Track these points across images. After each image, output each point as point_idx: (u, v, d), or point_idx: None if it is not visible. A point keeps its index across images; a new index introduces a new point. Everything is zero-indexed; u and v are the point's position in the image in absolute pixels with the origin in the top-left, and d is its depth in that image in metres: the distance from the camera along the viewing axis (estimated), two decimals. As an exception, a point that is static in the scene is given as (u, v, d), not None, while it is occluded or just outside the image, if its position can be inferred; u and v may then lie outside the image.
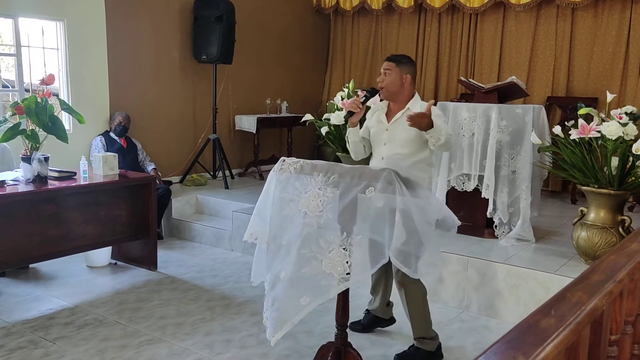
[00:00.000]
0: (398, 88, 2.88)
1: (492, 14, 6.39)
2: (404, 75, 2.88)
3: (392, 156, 2.87)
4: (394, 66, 2.87)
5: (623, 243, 1.81)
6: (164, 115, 5.95)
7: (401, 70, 2.88)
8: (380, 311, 3.28)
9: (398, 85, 2.88)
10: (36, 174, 3.65)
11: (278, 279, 2.29)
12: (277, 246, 2.35)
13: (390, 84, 2.88)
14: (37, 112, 3.57)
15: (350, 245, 2.19)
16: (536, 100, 5.92)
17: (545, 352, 1.01)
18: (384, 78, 2.88)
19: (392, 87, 2.88)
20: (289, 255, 2.28)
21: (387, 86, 2.88)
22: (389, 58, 2.94)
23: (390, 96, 2.91)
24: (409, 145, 2.86)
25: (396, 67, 2.87)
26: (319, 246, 2.21)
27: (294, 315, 2.24)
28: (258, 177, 6.49)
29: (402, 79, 2.88)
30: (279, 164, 2.40)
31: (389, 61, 2.91)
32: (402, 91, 2.89)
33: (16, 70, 4.90)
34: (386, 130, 2.92)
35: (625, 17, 5.63)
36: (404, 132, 2.83)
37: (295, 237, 2.26)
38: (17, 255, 3.54)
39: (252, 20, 6.65)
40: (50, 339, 3.13)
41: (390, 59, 2.92)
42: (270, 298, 2.31)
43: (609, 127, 3.30)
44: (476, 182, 4.08)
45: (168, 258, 4.62)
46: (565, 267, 3.55)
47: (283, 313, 2.25)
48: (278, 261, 2.32)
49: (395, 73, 2.87)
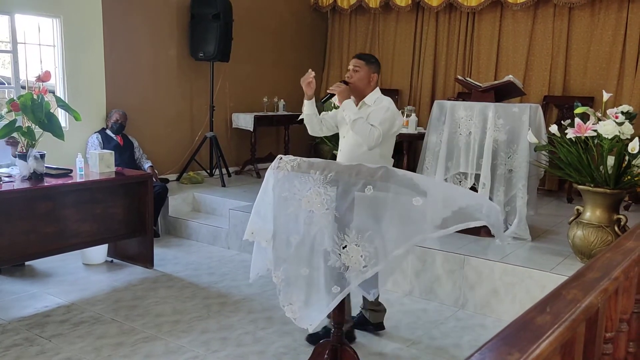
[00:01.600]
0: (365, 85, 3.01)
1: (490, 13, 6.39)
2: (371, 74, 3.02)
3: (347, 147, 3.03)
4: (364, 64, 3.00)
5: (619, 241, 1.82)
6: (160, 112, 5.94)
7: (370, 69, 3.01)
8: (367, 313, 3.25)
9: (365, 83, 3.01)
10: (32, 171, 3.63)
11: (301, 276, 2.34)
12: (284, 244, 2.37)
13: (358, 81, 3.00)
14: (33, 109, 3.56)
15: (363, 241, 2.22)
16: (533, 99, 5.92)
17: (541, 349, 1.01)
18: (353, 75, 3.00)
19: (360, 83, 3.01)
20: (306, 253, 2.32)
21: (355, 82, 3.01)
22: (358, 56, 3.07)
23: (356, 91, 3.03)
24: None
25: (365, 66, 3.00)
26: (333, 242, 2.26)
27: (326, 305, 2.29)
28: (255, 175, 6.48)
29: (370, 77, 3.02)
30: (276, 162, 2.40)
31: (358, 59, 3.03)
32: (368, 88, 3.02)
33: (12, 67, 4.88)
34: (346, 123, 3.04)
35: (622, 16, 5.64)
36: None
37: (305, 235, 2.31)
38: (13, 253, 3.53)
39: (250, 18, 6.64)
40: (46, 337, 3.12)
41: (360, 57, 3.04)
42: (294, 294, 2.36)
43: (605, 126, 3.31)
44: (473, 180, 4.09)
45: (164, 256, 4.61)
46: (561, 265, 3.56)
47: (315, 305, 2.31)
48: (293, 259, 2.36)
49: (364, 71, 3.00)
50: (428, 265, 3.82)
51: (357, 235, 2.22)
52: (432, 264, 3.80)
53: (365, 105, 3.02)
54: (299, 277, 2.35)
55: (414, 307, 3.69)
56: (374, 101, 3.02)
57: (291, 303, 2.36)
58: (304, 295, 2.34)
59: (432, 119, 4.32)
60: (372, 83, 3.04)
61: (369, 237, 2.22)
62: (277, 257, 2.39)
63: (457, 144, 4.13)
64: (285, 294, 2.37)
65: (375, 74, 3.04)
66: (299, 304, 2.34)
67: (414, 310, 3.65)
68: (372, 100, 3.02)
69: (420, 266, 3.85)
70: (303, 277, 2.34)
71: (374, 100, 3.02)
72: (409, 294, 3.89)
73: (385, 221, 2.20)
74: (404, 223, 2.18)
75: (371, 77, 3.02)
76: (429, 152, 4.32)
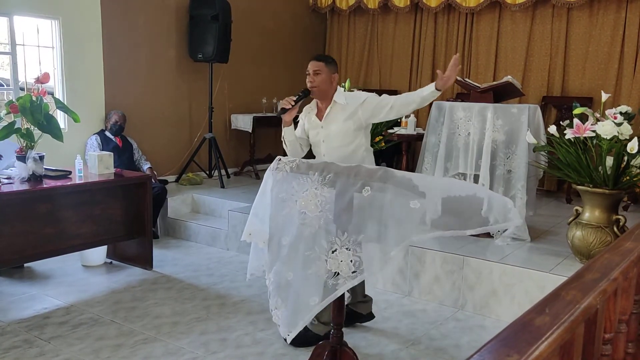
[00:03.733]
0: (328, 86, 3.02)
1: (488, 14, 6.40)
2: (332, 75, 3.02)
3: (331, 150, 3.02)
4: (324, 66, 3.00)
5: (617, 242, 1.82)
6: (159, 114, 5.94)
7: (329, 69, 3.01)
8: (357, 305, 3.30)
9: (328, 84, 3.01)
10: (31, 172, 3.63)
11: (286, 280, 2.33)
12: (277, 246, 2.36)
13: (322, 83, 3.00)
14: (32, 110, 3.55)
15: (355, 245, 2.20)
16: (531, 99, 5.93)
17: (540, 350, 1.01)
18: (315, 78, 3.00)
19: (323, 85, 3.01)
20: (293, 256, 2.31)
21: (319, 85, 3.00)
22: (317, 58, 3.06)
23: (321, 94, 3.03)
24: (343, 136, 3.01)
25: (325, 67, 3.00)
26: (321, 247, 2.24)
27: (305, 315, 2.29)
28: (254, 177, 6.48)
29: (331, 78, 3.02)
30: (275, 163, 2.40)
31: (317, 61, 3.03)
32: (331, 89, 3.03)
33: (11, 69, 4.87)
34: (321, 127, 3.05)
35: (620, 17, 5.65)
36: (336, 124, 2.98)
37: (296, 237, 2.30)
38: (12, 254, 3.53)
39: (248, 19, 6.64)
40: (45, 338, 3.12)
41: (319, 59, 3.04)
42: (280, 298, 2.35)
43: (603, 127, 3.31)
44: (472, 181, 4.09)
45: (163, 257, 4.61)
46: (560, 266, 3.56)
47: (295, 314, 2.30)
48: (282, 262, 2.35)
49: (325, 73, 3.00)
50: (427, 266, 3.82)
51: (349, 238, 2.20)
52: (431, 265, 3.81)
53: (337, 104, 3.00)
54: (285, 282, 2.34)
55: (413, 308, 3.69)
56: (345, 99, 3.00)
57: (277, 308, 2.36)
58: (287, 302, 2.33)
59: (431, 120, 4.32)
60: (334, 83, 3.04)
61: (362, 241, 2.20)
62: (271, 259, 2.39)
63: (456, 145, 4.13)
64: (274, 297, 2.37)
65: (336, 74, 3.05)
66: (283, 309, 2.34)
67: (414, 311, 3.65)
68: (342, 99, 3.00)
69: (419, 267, 3.85)
70: (288, 283, 2.33)
71: (344, 98, 3.01)
72: (409, 294, 3.89)
73: (382, 223, 2.19)
74: (400, 224, 2.16)
75: (332, 77, 3.02)
76: (427, 153, 4.32)
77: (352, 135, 3.01)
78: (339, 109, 3.01)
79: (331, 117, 3.02)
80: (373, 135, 4.07)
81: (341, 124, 2.98)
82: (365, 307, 3.31)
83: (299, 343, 2.95)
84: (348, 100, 3.01)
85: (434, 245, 3.92)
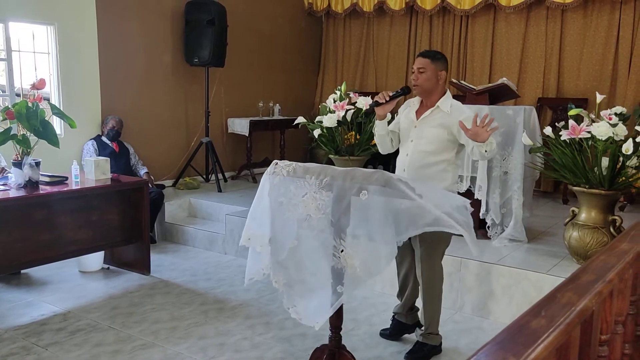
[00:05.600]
0: (433, 85, 2.84)
1: (483, 16, 6.42)
2: (439, 72, 2.84)
3: (416, 153, 2.85)
4: (429, 63, 2.82)
5: (613, 243, 1.83)
6: (156, 118, 5.93)
7: (436, 67, 2.83)
8: (403, 316, 3.22)
9: (433, 83, 2.83)
10: (27, 179, 3.62)
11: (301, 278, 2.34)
12: (281, 249, 2.37)
13: (425, 82, 2.83)
14: (28, 116, 3.55)
15: (357, 245, 2.23)
16: (527, 101, 5.95)
17: (536, 353, 1.02)
18: (419, 76, 2.83)
19: (427, 84, 2.83)
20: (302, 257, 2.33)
21: (422, 84, 2.84)
22: (422, 54, 2.88)
23: (424, 93, 2.87)
24: (434, 144, 2.84)
25: (431, 64, 2.82)
26: (329, 246, 2.26)
27: (333, 302, 2.29)
28: (251, 180, 6.48)
29: (437, 76, 2.84)
30: (272, 167, 2.41)
31: (423, 58, 2.84)
32: (436, 88, 2.85)
33: (7, 75, 4.87)
34: (414, 127, 2.90)
35: (615, 18, 5.68)
36: (431, 129, 2.82)
37: (305, 239, 2.31)
38: (9, 261, 3.52)
39: (244, 23, 6.65)
40: (43, 345, 3.11)
41: (425, 56, 2.86)
42: (296, 297, 2.37)
43: (599, 128, 3.32)
44: (468, 183, 4.10)
45: (161, 262, 4.60)
46: (557, 267, 3.57)
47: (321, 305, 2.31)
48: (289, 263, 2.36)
49: (431, 70, 2.82)
50: (425, 268, 3.82)
51: (352, 240, 2.23)
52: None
53: (439, 110, 2.83)
54: (300, 280, 2.36)
55: (411, 311, 3.69)
56: (450, 107, 2.82)
57: (295, 305, 2.37)
58: (307, 297, 2.35)
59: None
60: (440, 81, 2.84)
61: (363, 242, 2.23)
62: (275, 261, 2.40)
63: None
64: (289, 296, 2.39)
65: (443, 72, 2.83)
66: (303, 304, 2.36)
67: (412, 313, 3.65)
68: (447, 106, 2.82)
69: (417, 269, 3.85)
70: (305, 279, 2.35)
71: (450, 106, 2.83)
72: (406, 297, 3.89)
73: (381, 224, 2.21)
74: (399, 224, 2.20)
75: (439, 75, 2.82)
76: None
77: (443, 146, 2.83)
78: (440, 115, 2.83)
79: (428, 120, 2.85)
80: (369, 138, 4.06)
81: (437, 129, 2.80)
82: (413, 317, 3.22)
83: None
84: (452, 110, 2.82)
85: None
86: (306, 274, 2.35)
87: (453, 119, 2.79)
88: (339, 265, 2.26)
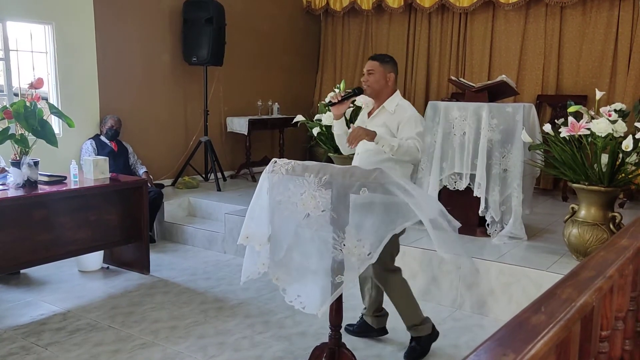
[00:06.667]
0: (382, 86, 2.96)
1: (482, 14, 6.41)
2: (387, 74, 2.96)
3: (364, 152, 2.97)
4: (378, 65, 2.96)
5: (613, 239, 1.82)
6: (154, 118, 5.93)
7: (384, 69, 2.96)
8: (369, 317, 3.24)
9: (382, 84, 2.96)
10: (26, 178, 3.62)
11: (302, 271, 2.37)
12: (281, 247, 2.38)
13: (374, 83, 2.95)
14: (26, 116, 3.54)
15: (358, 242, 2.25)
16: (526, 98, 5.94)
17: (536, 349, 1.01)
18: (368, 78, 2.96)
19: (376, 85, 2.96)
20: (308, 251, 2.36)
21: (371, 85, 2.96)
22: (372, 57, 3.03)
23: (374, 94, 2.99)
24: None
25: (380, 67, 2.96)
26: (334, 239, 2.28)
27: (332, 291, 2.33)
28: (250, 179, 6.48)
29: (386, 78, 2.96)
30: (271, 166, 2.40)
31: (372, 60, 2.99)
32: (385, 89, 2.97)
33: (4, 75, 4.86)
34: (365, 126, 2.99)
35: (614, 14, 5.67)
36: (377, 129, 2.91)
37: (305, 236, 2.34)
38: (8, 261, 3.51)
39: (243, 21, 6.64)
40: (42, 345, 3.10)
41: (374, 59, 3.00)
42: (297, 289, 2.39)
43: (598, 125, 3.32)
44: (468, 180, 4.09)
45: (160, 261, 4.60)
46: (557, 264, 3.57)
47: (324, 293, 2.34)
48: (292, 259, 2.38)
49: (379, 72, 2.95)
50: (425, 266, 3.82)
51: (355, 235, 2.25)
52: (428, 265, 3.80)
53: (385, 110, 2.94)
54: (301, 275, 2.38)
55: (411, 309, 3.68)
56: (395, 107, 2.93)
57: (299, 295, 2.39)
58: (309, 288, 2.37)
59: (427, 120, 4.32)
60: (389, 83, 2.95)
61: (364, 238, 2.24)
62: (275, 260, 2.40)
63: (451, 145, 4.13)
64: (291, 290, 2.40)
65: (392, 74, 2.96)
66: (305, 295, 2.38)
67: (411, 311, 3.64)
68: (392, 106, 2.93)
69: (416, 267, 3.84)
70: (305, 274, 2.37)
71: (395, 105, 2.93)
72: (406, 295, 3.89)
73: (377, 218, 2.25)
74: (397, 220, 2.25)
75: (387, 77, 2.94)
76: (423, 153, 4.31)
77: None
78: (385, 115, 2.94)
79: (376, 119, 2.96)
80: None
81: (381, 128, 2.88)
82: (379, 322, 3.23)
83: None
84: (397, 110, 2.93)
85: (431, 245, 3.92)
86: (306, 270, 2.37)
87: (395, 119, 2.91)
88: (339, 257, 2.28)
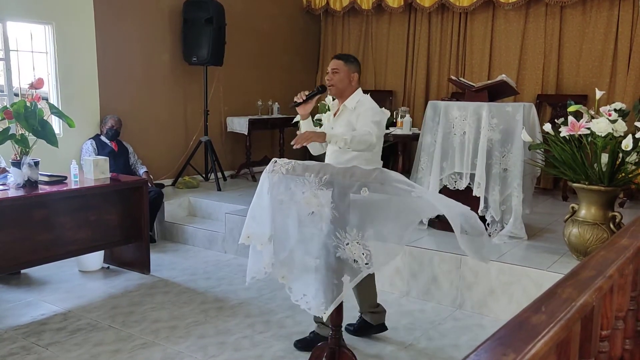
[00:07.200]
0: (345, 85, 2.99)
1: (482, 13, 6.41)
2: (351, 74, 3.00)
3: (334, 152, 2.99)
4: (342, 65, 2.99)
5: (613, 239, 1.82)
6: (155, 118, 5.93)
7: (348, 69, 2.99)
8: (368, 316, 3.22)
9: (346, 84, 2.99)
10: (26, 178, 3.62)
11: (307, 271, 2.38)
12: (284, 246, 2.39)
13: (338, 82, 2.99)
14: (27, 116, 3.54)
15: (362, 240, 2.25)
16: (526, 98, 5.94)
17: (536, 349, 1.01)
18: (332, 77, 2.99)
19: (340, 84, 2.99)
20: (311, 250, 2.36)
21: (335, 84, 2.99)
22: (336, 57, 3.06)
23: (338, 93, 3.02)
24: None
25: (344, 66, 2.99)
26: (337, 238, 2.28)
27: (339, 292, 2.33)
28: (250, 179, 6.48)
29: (350, 77, 3.00)
30: (271, 165, 2.40)
31: (337, 60, 3.02)
32: (349, 89, 3.00)
33: (5, 75, 4.86)
34: (331, 128, 3.04)
35: (613, 14, 5.67)
36: (341, 127, 2.95)
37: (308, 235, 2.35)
38: (8, 261, 3.51)
39: (243, 21, 6.64)
40: (43, 345, 3.10)
41: (339, 58, 3.04)
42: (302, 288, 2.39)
43: (598, 124, 3.32)
44: (468, 180, 4.09)
45: (161, 261, 4.60)
46: (557, 263, 3.57)
47: (327, 293, 2.34)
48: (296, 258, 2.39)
49: (343, 72, 2.98)
50: (425, 266, 3.82)
51: (358, 233, 2.24)
52: (429, 265, 3.81)
53: (347, 108, 2.97)
54: (305, 274, 2.38)
55: (411, 308, 3.69)
56: (356, 104, 2.96)
57: (305, 294, 2.40)
58: (314, 288, 2.37)
59: (427, 120, 4.33)
60: (353, 83, 3.00)
61: (369, 237, 2.24)
62: (278, 259, 2.40)
63: (451, 144, 4.14)
64: (296, 289, 2.41)
65: (356, 74, 3.00)
66: (311, 295, 2.38)
67: (412, 311, 3.65)
68: (353, 103, 2.97)
69: (417, 267, 3.85)
70: (309, 273, 2.37)
71: (356, 102, 2.97)
72: (407, 295, 3.89)
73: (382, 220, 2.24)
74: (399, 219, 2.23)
75: (351, 76, 2.99)
76: (423, 152, 4.32)
77: None
78: (347, 113, 2.98)
79: (340, 118, 3.00)
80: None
81: (344, 127, 2.92)
82: (377, 318, 3.22)
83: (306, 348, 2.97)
84: (357, 106, 2.96)
85: (431, 244, 3.93)
86: (310, 269, 2.37)
87: (356, 114, 2.94)
88: (344, 256, 2.28)
